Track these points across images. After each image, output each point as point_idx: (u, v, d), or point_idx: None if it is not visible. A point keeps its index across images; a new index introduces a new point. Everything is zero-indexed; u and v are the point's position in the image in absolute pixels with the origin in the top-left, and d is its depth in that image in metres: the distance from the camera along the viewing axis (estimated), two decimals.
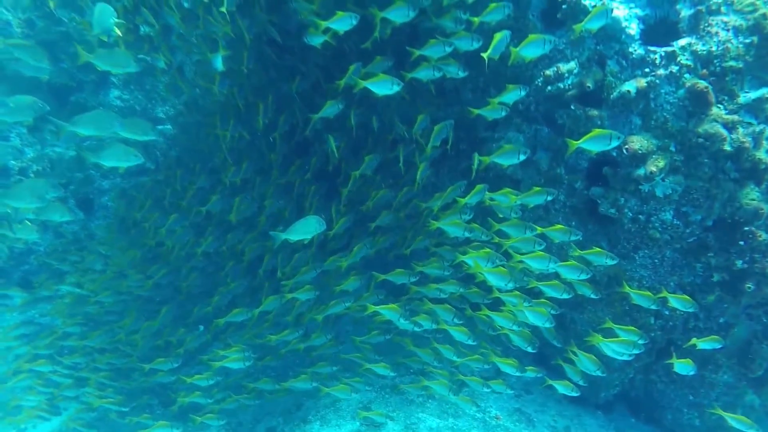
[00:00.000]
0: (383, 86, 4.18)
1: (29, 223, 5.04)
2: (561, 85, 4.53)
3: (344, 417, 5.31)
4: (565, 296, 4.12)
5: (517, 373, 4.28)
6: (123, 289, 5.88)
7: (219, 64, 4.95)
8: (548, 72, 4.55)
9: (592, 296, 4.23)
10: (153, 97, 9.93)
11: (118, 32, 4.34)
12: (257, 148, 5.65)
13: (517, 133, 4.90)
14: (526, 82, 4.69)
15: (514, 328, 4.12)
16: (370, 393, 5.41)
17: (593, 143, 3.84)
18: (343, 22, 4.11)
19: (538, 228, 4.15)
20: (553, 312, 4.18)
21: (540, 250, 4.08)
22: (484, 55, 4.13)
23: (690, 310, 4.01)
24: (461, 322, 4.47)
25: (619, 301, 4.60)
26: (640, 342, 3.88)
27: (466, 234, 4.36)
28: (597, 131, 3.87)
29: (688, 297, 3.96)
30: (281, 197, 5.52)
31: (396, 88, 4.17)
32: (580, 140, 3.88)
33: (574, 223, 4.77)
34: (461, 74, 4.35)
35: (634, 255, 4.46)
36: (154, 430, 5.04)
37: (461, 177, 5.33)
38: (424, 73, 4.31)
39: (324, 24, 4.15)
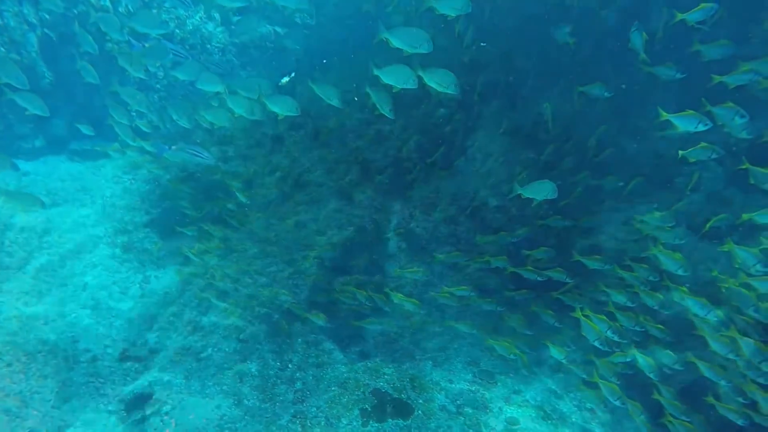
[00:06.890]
0: (689, 123, 4.09)
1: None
2: None
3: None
4: None
5: None
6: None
7: None
8: None
9: None
10: None
11: None
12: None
13: None
14: None
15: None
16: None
17: None
18: (689, 122, 4.06)
19: None
20: None
21: None
22: None
23: None
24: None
25: None
26: None
27: (680, 272, 4.44)
28: None
29: None
30: None
31: (702, 128, 4.07)
32: None
33: None
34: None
35: None
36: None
37: None
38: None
39: (665, 115, 4.17)
